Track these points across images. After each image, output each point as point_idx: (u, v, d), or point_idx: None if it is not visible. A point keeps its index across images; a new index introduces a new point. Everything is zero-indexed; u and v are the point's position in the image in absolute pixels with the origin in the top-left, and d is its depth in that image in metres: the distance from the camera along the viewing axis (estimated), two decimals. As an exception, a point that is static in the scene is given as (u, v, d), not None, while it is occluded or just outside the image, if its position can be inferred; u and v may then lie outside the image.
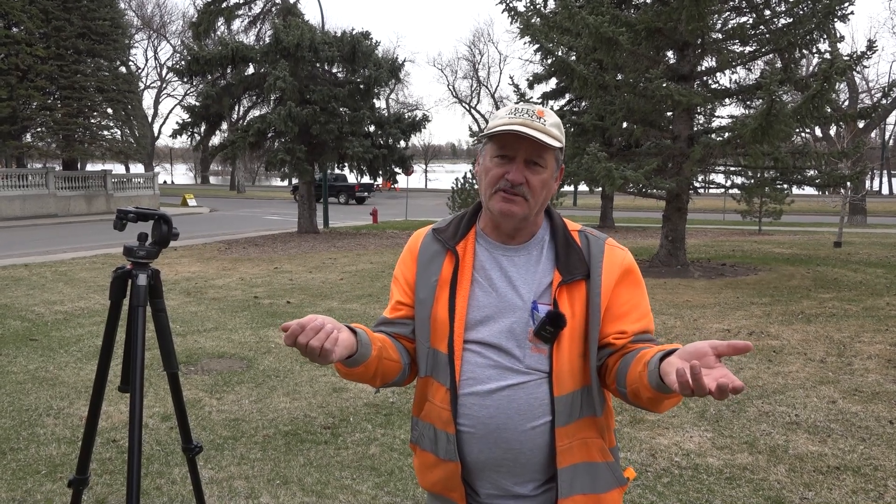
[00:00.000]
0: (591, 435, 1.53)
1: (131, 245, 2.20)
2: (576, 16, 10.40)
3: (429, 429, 1.57)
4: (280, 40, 16.76)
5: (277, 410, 4.71)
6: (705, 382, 1.14)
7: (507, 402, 1.47)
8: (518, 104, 1.53)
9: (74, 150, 29.01)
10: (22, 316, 7.85)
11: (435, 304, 1.54)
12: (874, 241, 16.98)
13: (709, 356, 1.20)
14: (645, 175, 10.33)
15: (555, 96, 21.56)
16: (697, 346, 1.23)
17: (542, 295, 1.50)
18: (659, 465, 3.84)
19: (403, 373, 1.60)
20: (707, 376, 1.16)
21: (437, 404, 1.53)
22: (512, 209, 1.48)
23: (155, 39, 56.10)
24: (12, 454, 3.97)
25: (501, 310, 1.50)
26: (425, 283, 1.57)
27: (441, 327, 1.52)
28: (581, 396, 1.50)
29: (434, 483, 1.58)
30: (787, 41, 10.79)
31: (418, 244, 1.64)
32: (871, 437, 4.25)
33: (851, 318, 7.69)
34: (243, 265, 12.45)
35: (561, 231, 1.56)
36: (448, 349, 1.50)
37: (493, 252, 1.56)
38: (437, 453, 1.54)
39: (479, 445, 1.49)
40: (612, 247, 1.56)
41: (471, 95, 56.87)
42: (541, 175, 1.49)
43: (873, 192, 50.46)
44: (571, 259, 1.51)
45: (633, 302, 1.54)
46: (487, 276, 1.53)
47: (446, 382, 1.51)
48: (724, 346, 1.19)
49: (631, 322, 1.52)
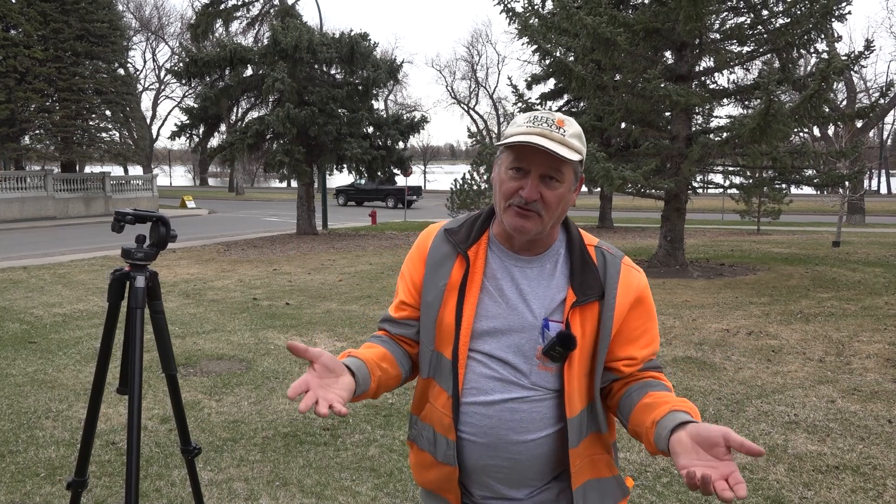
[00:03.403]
0: (598, 451, 1.52)
1: (129, 247, 2.19)
2: (574, 16, 10.41)
3: (428, 430, 1.56)
4: (278, 42, 16.76)
5: (277, 412, 4.71)
6: (711, 489, 1.14)
7: (509, 414, 1.45)
8: (538, 111, 1.46)
9: (73, 152, 28.99)
10: (20, 318, 7.84)
11: (442, 308, 1.50)
12: (872, 241, 17.00)
13: (719, 447, 1.18)
14: (643, 175, 10.33)
15: (553, 97, 21.60)
16: (711, 433, 1.20)
17: (553, 312, 1.46)
18: (658, 465, 3.84)
19: (403, 380, 1.59)
20: (714, 470, 1.16)
21: (439, 409, 1.52)
22: (525, 226, 1.43)
23: (153, 41, 56.10)
24: (11, 457, 3.97)
25: (511, 324, 1.46)
26: (433, 286, 1.53)
27: (447, 332, 1.49)
28: (587, 414, 1.50)
29: (430, 482, 1.58)
30: (784, 41, 10.81)
31: (428, 244, 1.59)
32: (870, 436, 4.25)
33: (850, 318, 7.69)
34: (242, 267, 12.45)
35: (577, 245, 1.51)
36: (452, 356, 1.48)
37: (505, 261, 1.51)
38: (435, 455, 1.54)
39: (478, 452, 1.48)
40: (629, 268, 1.52)
41: (469, 96, 56.91)
42: (557, 190, 1.42)
43: (872, 192, 50.51)
44: (587, 278, 1.47)
45: (645, 327, 1.51)
46: (498, 285, 1.49)
47: (449, 389, 1.49)
48: (736, 442, 1.16)
49: (640, 347, 1.50)
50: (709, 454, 1.20)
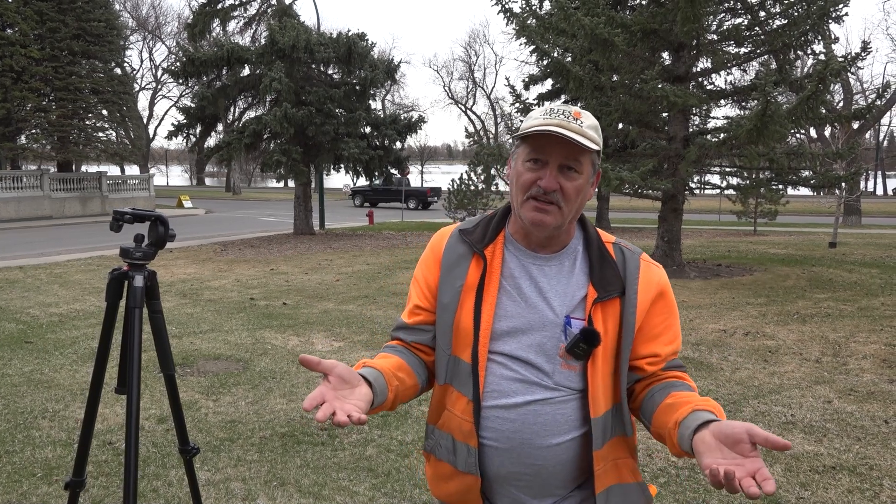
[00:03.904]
0: (622, 455, 1.48)
1: (127, 246, 2.19)
2: (571, 17, 10.42)
3: (447, 438, 1.50)
4: (275, 41, 16.74)
5: (274, 412, 4.71)
6: (736, 486, 1.12)
7: (532, 417, 1.40)
8: (553, 104, 1.45)
9: (69, 151, 28.92)
10: (17, 318, 7.82)
11: (459, 310, 1.46)
12: (869, 242, 17.04)
13: (744, 444, 1.16)
14: (641, 176, 10.34)
15: (550, 97, 21.59)
16: (734, 430, 1.18)
17: (574, 309, 1.42)
18: (655, 465, 3.85)
19: (420, 391, 1.54)
20: (739, 468, 1.13)
21: (458, 415, 1.46)
22: (544, 219, 1.40)
23: (150, 41, 56.01)
24: (7, 457, 3.96)
25: (531, 322, 1.43)
26: (449, 287, 1.48)
27: (465, 335, 1.45)
28: (612, 416, 1.45)
29: (450, 494, 1.52)
30: (781, 42, 10.82)
31: (443, 245, 1.54)
32: (867, 436, 4.26)
33: (846, 318, 7.71)
34: (239, 267, 12.43)
35: (595, 242, 1.49)
36: (472, 359, 1.43)
37: (522, 260, 1.48)
38: (455, 465, 1.48)
39: (500, 459, 1.43)
40: (648, 263, 1.49)
41: (467, 97, 56.96)
42: (576, 181, 1.41)
43: (868, 193, 50.63)
44: (606, 274, 1.44)
45: (667, 323, 1.49)
46: (516, 284, 1.46)
47: (468, 393, 1.44)
48: (761, 437, 1.14)
49: (663, 344, 1.47)
50: (734, 451, 1.17)
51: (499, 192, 19.96)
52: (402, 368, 1.48)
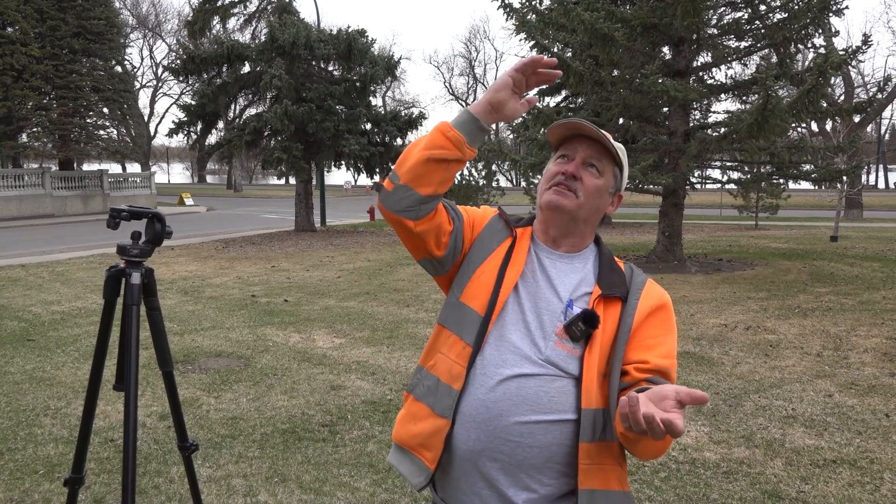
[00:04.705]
0: (610, 461, 1.47)
1: (124, 244, 2.19)
2: (571, 12, 10.39)
3: (431, 379, 1.54)
4: (275, 38, 16.73)
5: (275, 408, 4.71)
6: (639, 417, 1.16)
7: (515, 390, 1.42)
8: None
9: (70, 149, 28.96)
10: (19, 316, 7.84)
11: (485, 264, 1.56)
12: (870, 236, 17.02)
13: (668, 400, 1.20)
14: (641, 171, 10.33)
15: (551, 92, 21.52)
16: (663, 388, 1.23)
17: (578, 300, 1.51)
18: (657, 460, 3.85)
19: (436, 200, 1.52)
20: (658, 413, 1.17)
21: (452, 358, 1.51)
22: (561, 202, 1.52)
23: (150, 38, 56.04)
24: (10, 454, 3.97)
25: (536, 302, 1.51)
26: (482, 245, 1.60)
27: (483, 287, 1.53)
28: (603, 417, 1.44)
29: (413, 436, 1.55)
30: (782, 36, 10.80)
31: (488, 216, 1.66)
32: (868, 430, 4.26)
33: (848, 312, 7.71)
34: (240, 264, 12.44)
35: (607, 256, 1.61)
36: (486, 311, 1.50)
37: (539, 253, 1.59)
38: (433, 407, 1.51)
39: (476, 432, 1.43)
40: (654, 284, 1.59)
41: (467, 92, 56.90)
42: (596, 180, 1.53)
43: (869, 187, 50.57)
44: (613, 279, 1.54)
45: (662, 339, 1.50)
46: (532, 268, 1.57)
47: (470, 340, 1.49)
48: (684, 393, 1.19)
49: (655, 356, 1.47)
50: (659, 407, 1.20)
51: (500, 189, 19.89)
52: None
